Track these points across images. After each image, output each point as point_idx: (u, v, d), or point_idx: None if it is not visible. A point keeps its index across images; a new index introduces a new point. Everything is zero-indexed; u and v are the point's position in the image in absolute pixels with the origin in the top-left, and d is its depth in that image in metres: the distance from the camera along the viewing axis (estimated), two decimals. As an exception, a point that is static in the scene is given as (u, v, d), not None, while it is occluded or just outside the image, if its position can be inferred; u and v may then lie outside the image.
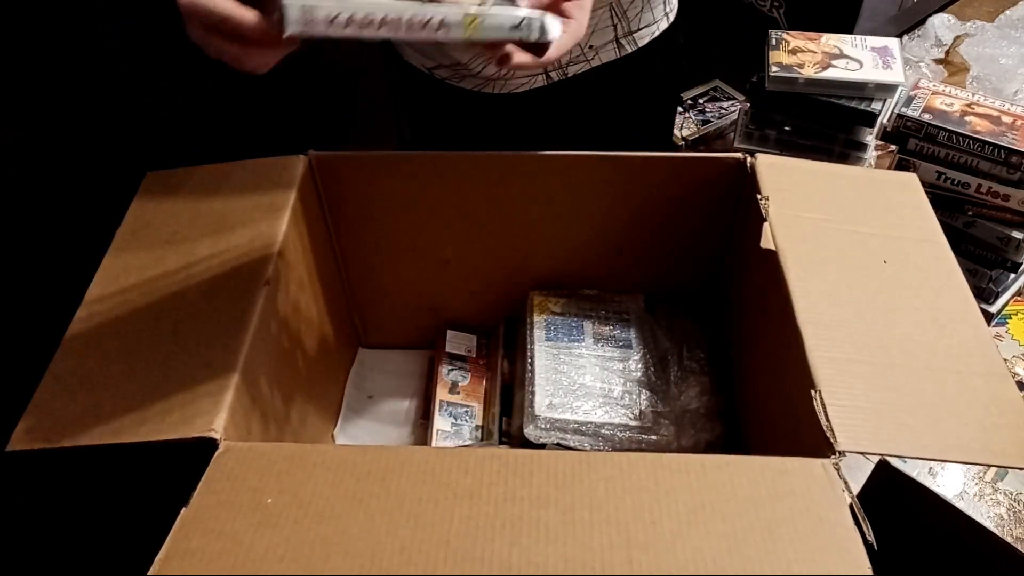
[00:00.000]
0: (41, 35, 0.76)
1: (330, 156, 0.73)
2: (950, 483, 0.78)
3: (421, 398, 0.84)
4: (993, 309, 0.89)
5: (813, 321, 0.57)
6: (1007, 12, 1.29)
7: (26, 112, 0.77)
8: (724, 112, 1.25)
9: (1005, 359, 0.87)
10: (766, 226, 0.64)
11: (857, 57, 0.96)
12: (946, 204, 0.69)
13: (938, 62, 1.27)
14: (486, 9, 0.51)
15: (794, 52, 0.96)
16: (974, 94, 0.91)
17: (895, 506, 0.63)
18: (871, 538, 0.46)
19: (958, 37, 1.29)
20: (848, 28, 1.28)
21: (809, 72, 0.92)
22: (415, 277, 0.84)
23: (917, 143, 0.87)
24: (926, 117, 0.86)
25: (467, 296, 0.86)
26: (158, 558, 0.45)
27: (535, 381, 0.74)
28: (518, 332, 0.83)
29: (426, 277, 0.84)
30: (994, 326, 0.90)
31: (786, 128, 0.94)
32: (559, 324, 0.80)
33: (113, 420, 0.53)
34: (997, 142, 0.83)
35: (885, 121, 0.90)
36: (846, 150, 0.94)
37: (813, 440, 0.52)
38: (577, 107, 0.90)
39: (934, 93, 0.90)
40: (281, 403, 0.66)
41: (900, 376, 0.55)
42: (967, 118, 0.86)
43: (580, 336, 0.78)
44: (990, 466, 0.65)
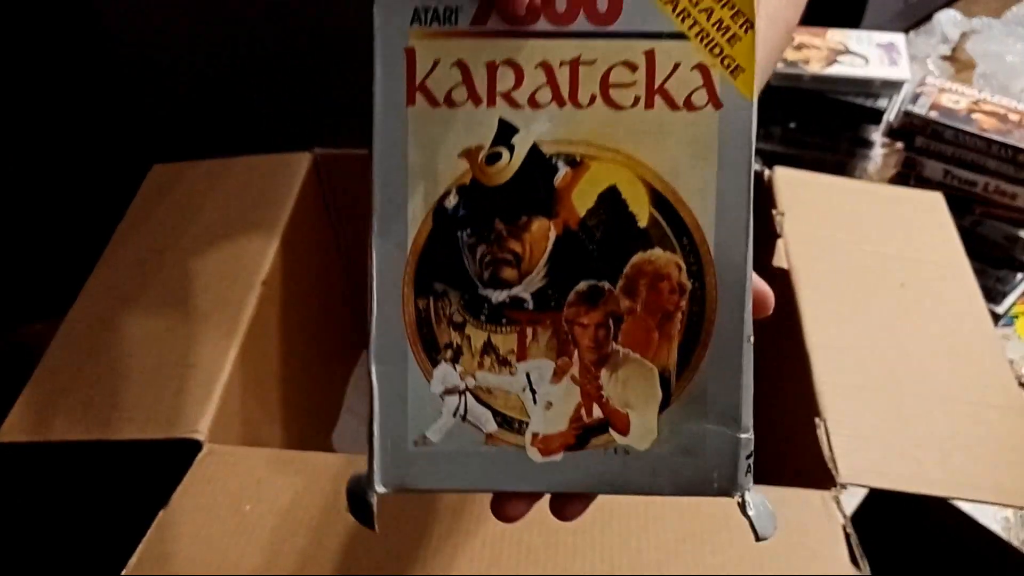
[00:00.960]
0: (41, 33, 0.76)
1: (336, 154, 0.72)
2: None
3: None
4: (1000, 309, 0.87)
5: (823, 344, 0.55)
6: (1014, 8, 1.26)
7: (27, 109, 0.78)
8: None
9: (1011, 360, 0.84)
10: (780, 243, 0.62)
11: (863, 53, 0.94)
12: (953, 203, 0.68)
13: (945, 59, 1.25)
14: None
15: (799, 48, 0.95)
16: (981, 91, 0.89)
17: (900, 508, 0.61)
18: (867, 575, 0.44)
19: (965, 34, 1.27)
20: (854, 24, 1.25)
21: (814, 68, 0.91)
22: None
23: (923, 141, 0.86)
24: (933, 114, 0.85)
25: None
26: (132, 560, 0.44)
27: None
28: None
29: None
30: (1001, 327, 0.88)
31: (791, 125, 0.92)
32: (564, 334, 0.78)
33: (101, 417, 0.53)
34: (1004, 140, 0.82)
35: (891, 118, 0.89)
36: (852, 147, 0.92)
37: (815, 469, 0.50)
38: None
39: (941, 90, 0.89)
40: (275, 405, 0.65)
41: (910, 406, 0.53)
42: (974, 116, 0.85)
43: (585, 347, 0.77)
44: (1002, 506, 0.62)
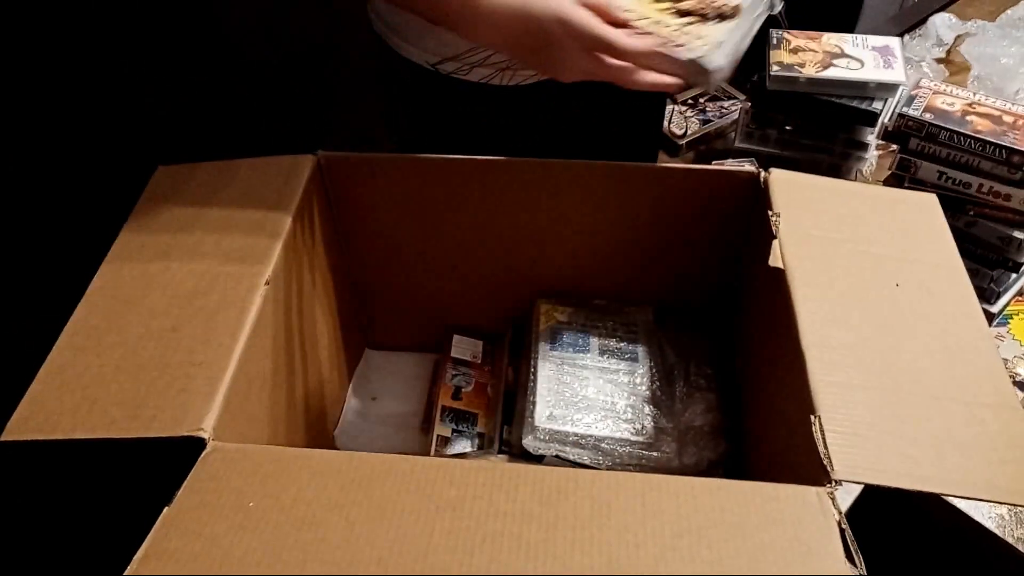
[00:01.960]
0: (43, 35, 0.77)
1: (339, 157, 0.72)
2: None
3: (424, 402, 0.84)
4: (994, 309, 0.88)
5: (818, 344, 0.56)
6: (1008, 11, 1.27)
7: (29, 111, 0.78)
8: (725, 112, 1.23)
9: (1006, 359, 0.85)
10: (775, 244, 0.63)
11: (858, 56, 0.95)
12: (947, 204, 0.68)
13: (939, 61, 1.26)
14: None
15: (795, 51, 0.95)
16: (975, 94, 0.90)
17: (897, 505, 0.62)
18: (862, 571, 0.44)
19: (959, 36, 1.28)
20: (849, 27, 1.26)
21: (810, 71, 0.92)
22: (423, 280, 0.84)
23: (918, 143, 0.86)
24: (927, 117, 0.86)
25: (474, 301, 0.86)
26: (136, 557, 0.45)
27: (536, 391, 0.73)
28: (524, 340, 0.83)
29: (434, 280, 0.84)
30: (995, 326, 0.89)
31: (787, 128, 0.93)
32: (565, 334, 0.78)
33: (106, 415, 0.53)
34: (998, 142, 0.82)
35: (886, 121, 0.89)
36: (847, 150, 0.93)
37: (811, 466, 0.50)
38: (577, 99, 0.88)
39: (935, 92, 0.89)
40: (279, 403, 0.66)
41: (905, 404, 0.53)
42: (968, 118, 0.86)
43: (586, 347, 0.77)
44: (994, 503, 0.63)
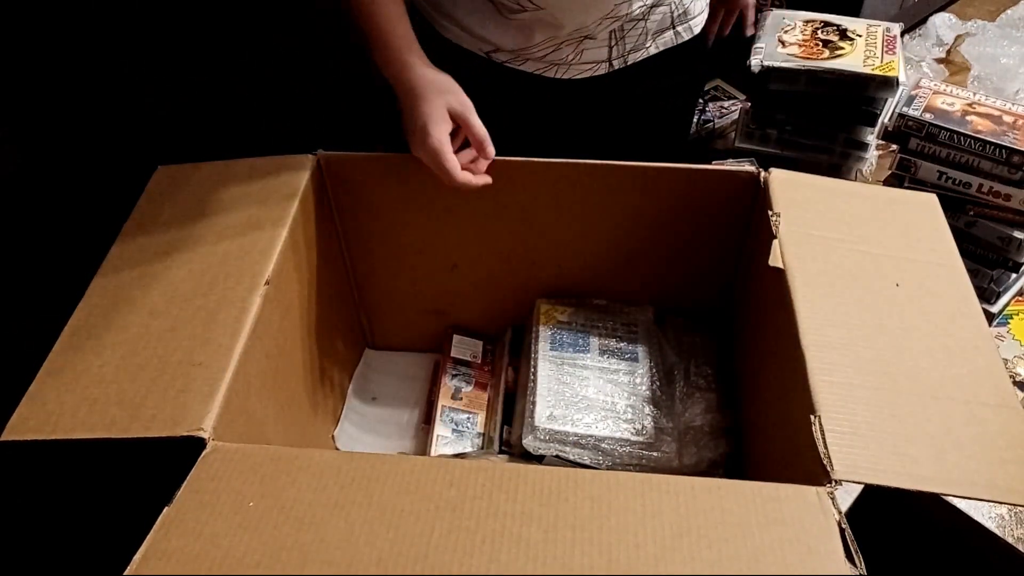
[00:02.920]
0: (44, 35, 0.77)
1: (339, 156, 0.72)
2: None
3: (424, 402, 0.84)
4: (994, 309, 0.88)
5: (817, 343, 0.56)
6: (1008, 11, 1.27)
7: (30, 111, 0.78)
8: (725, 112, 1.24)
9: (1006, 359, 0.84)
10: (775, 243, 0.63)
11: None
12: (947, 204, 0.68)
13: (939, 61, 1.26)
14: None
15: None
16: (975, 93, 0.90)
17: (896, 505, 0.61)
18: (862, 571, 0.44)
19: (959, 36, 1.28)
20: None
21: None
22: (423, 280, 0.84)
23: (918, 143, 0.86)
24: (927, 116, 0.85)
25: (475, 301, 0.86)
26: (136, 557, 0.45)
27: (536, 391, 0.73)
28: (524, 340, 0.83)
29: (434, 281, 0.84)
30: (995, 326, 0.89)
31: (787, 128, 0.93)
32: (565, 334, 0.78)
33: (106, 415, 0.53)
34: (998, 142, 0.82)
35: (886, 121, 0.89)
36: (847, 149, 0.93)
37: (811, 466, 0.50)
38: (628, 94, 0.89)
39: (935, 92, 0.89)
40: (278, 403, 0.66)
41: (905, 404, 0.53)
42: (968, 118, 0.85)
43: (586, 347, 0.77)
44: (994, 503, 0.63)
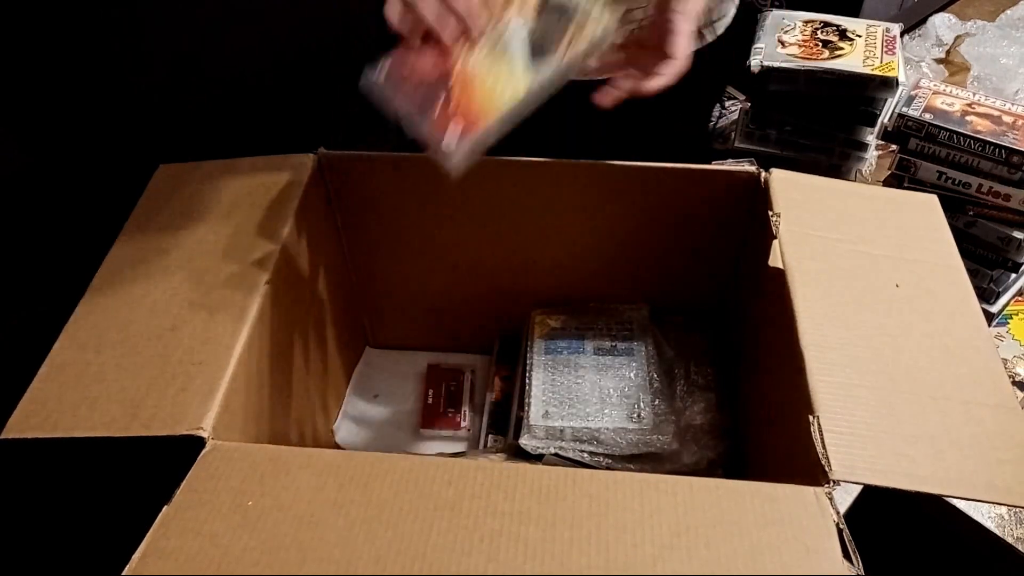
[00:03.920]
0: (44, 34, 0.77)
1: (340, 155, 0.73)
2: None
3: (422, 403, 0.84)
4: (994, 309, 0.89)
5: (816, 343, 0.56)
6: (1008, 11, 1.27)
7: (29, 109, 0.78)
8: (725, 112, 1.23)
9: (1005, 359, 0.85)
10: (775, 244, 0.63)
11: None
12: (947, 204, 0.69)
13: (939, 62, 1.26)
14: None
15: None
16: (975, 94, 0.90)
17: (896, 505, 0.61)
18: (860, 571, 0.44)
19: (959, 37, 1.28)
20: None
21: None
22: (422, 280, 0.84)
23: (918, 143, 0.86)
24: (927, 117, 0.85)
25: (474, 301, 0.86)
26: (135, 556, 0.45)
27: (531, 393, 0.73)
28: (517, 350, 0.83)
29: (433, 280, 0.84)
30: (995, 326, 0.89)
31: (787, 128, 0.93)
32: (559, 338, 0.79)
33: (106, 413, 0.54)
34: (998, 142, 0.82)
35: (886, 121, 0.89)
36: (847, 150, 0.93)
37: (809, 466, 0.50)
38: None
39: (935, 93, 0.89)
40: (279, 401, 0.66)
41: (904, 404, 0.53)
42: (968, 118, 0.85)
43: (580, 348, 0.77)
44: (993, 503, 0.63)
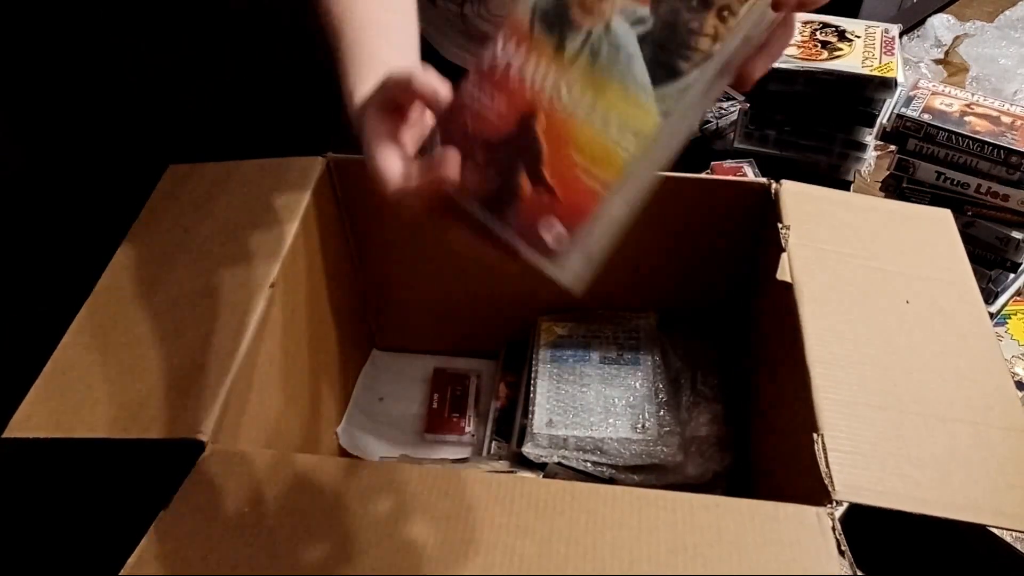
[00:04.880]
0: (52, 33, 0.77)
1: (348, 159, 0.72)
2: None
3: (427, 408, 0.84)
4: (993, 309, 0.89)
5: (823, 360, 0.55)
6: (1007, 12, 1.28)
7: (37, 109, 0.79)
8: (724, 112, 1.23)
9: (1005, 359, 0.84)
10: (784, 257, 0.62)
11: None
12: (945, 204, 0.69)
13: (937, 62, 1.26)
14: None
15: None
16: (973, 94, 0.90)
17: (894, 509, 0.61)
18: (861, 597, 0.44)
19: (957, 37, 1.28)
20: None
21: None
22: (431, 282, 0.83)
23: (916, 143, 0.86)
24: (925, 117, 0.85)
25: (481, 306, 0.85)
26: (130, 560, 0.45)
27: (535, 401, 0.72)
28: (523, 356, 0.82)
29: (441, 284, 0.83)
30: (994, 326, 0.88)
31: (786, 128, 0.93)
32: (565, 346, 0.78)
33: (107, 415, 0.54)
34: (996, 142, 0.82)
35: (884, 121, 0.89)
36: (845, 150, 0.93)
37: (812, 485, 0.49)
38: None
39: (933, 93, 0.89)
40: (282, 404, 0.66)
41: (911, 425, 0.52)
42: (966, 118, 0.85)
43: (586, 357, 0.77)
44: (999, 529, 0.62)
